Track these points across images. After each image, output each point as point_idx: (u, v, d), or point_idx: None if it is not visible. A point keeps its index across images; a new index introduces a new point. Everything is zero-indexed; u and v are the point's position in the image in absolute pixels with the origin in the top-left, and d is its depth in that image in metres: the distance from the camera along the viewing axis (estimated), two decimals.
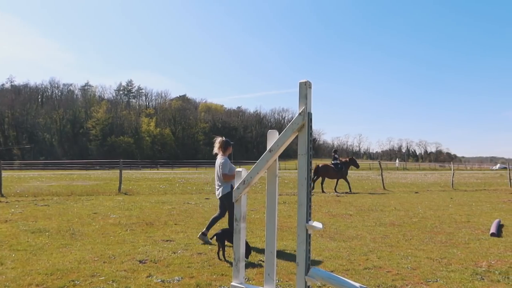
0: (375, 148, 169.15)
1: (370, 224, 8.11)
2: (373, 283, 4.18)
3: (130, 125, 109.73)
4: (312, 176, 15.92)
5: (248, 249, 5.16)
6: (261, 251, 5.46)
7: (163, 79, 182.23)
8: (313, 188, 16.26)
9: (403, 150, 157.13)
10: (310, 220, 2.76)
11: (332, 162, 17.45)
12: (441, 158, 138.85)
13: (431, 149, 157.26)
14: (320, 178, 16.86)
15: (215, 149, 6.44)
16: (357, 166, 18.33)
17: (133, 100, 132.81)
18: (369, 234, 7.01)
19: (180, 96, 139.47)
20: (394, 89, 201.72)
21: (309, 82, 2.82)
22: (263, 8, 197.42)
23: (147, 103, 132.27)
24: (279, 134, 3.02)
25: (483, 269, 4.71)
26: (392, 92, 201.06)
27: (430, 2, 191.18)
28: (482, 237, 6.68)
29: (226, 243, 5.33)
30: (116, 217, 8.80)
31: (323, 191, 16.25)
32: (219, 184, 6.24)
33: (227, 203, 6.18)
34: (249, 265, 4.93)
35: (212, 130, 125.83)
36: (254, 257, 5.27)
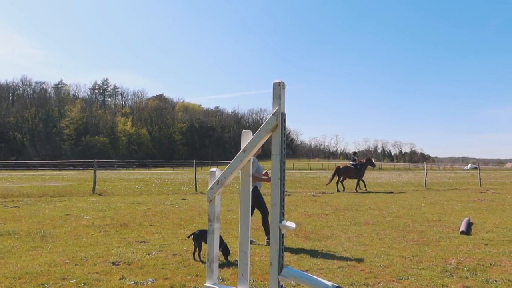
0: (351, 149, 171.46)
1: (345, 223, 8.21)
2: (346, 281, 4.23)
3: (106, 124, 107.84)
4: (332, 177, 17.22)
5: (227, 250, 5.14)
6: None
7: (139, 78, 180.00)
8: (340, 188, 17.48)
9: (379, 151, 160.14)
10: (283, 220, 2.77)
11: (352, 163, 18.55)
12: (415, 158, 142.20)
13: (406, 149, 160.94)
14: (341, 178, 17.85)
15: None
16: (373, 165, 19.40)
17: (109, 99, 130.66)
18: (344, 233, 7.10)
19: (157, 95, 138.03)
20: (370, 91, 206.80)
21: (283, 83, 2.83)
22: (241, 11, 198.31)
23: (123, 102, 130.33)
24: (253, 135, 3.02)
25: (453, 266, 4.85)
26: (368, 94, 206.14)
27: (406, 7, 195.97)
28: (452, 235, 6.86)
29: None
30: (90, 219, 8.62)
31: (342, 190, 17.26)
32: None
33: (255, 202, 6.29)
34: (224, 265, 4.91)
35: (190, 130, 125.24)
36: (229, 257, 5.25)
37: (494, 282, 4.21)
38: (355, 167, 18.01)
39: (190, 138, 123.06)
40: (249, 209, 3.00)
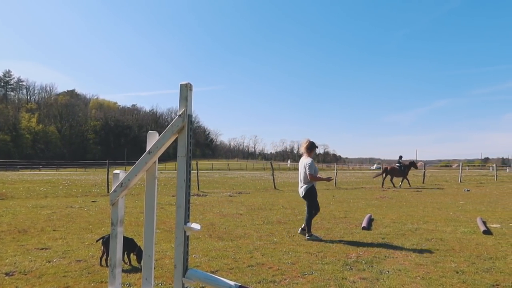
0: (269, 149, 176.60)
1: (258, 222, 8.41)
2: (254, 279, 4.35)
3: (7, 121, 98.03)
4: (383, 176, 21.64)
5: (141, 253, 4.97)
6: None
7: (48, 72, 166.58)
8: (397, 185, 21.31)
9: (295, 151, 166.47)
10: (188, 222, 2.77)
11: (397, 164, 21.85)
12: (328, 159, 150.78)
13: (320, 150, 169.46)
14: (389, 177, 21.61)
15: (301, 150, 7.03)
16: (416, 167, 23.09)
17: (12, 93, 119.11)
18: (256, 232, 7.27)
19: (68, 90, 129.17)
20: (287, 98, 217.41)
21: (190, 84, 2.83)
22: (155, 13, 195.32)
23: (29, 97, 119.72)
24: (159, 136, 2.97)
25: (353, 260, 5.23)
26: (285, 99, 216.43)
27: (318, 24, 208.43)
28: (355, 231, 7.39)
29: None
30: None
31: (394, 186, 20.99)
32: (303, 183, 6.82)
33: (308, 199, 6.81)
34: (132, 270, 4.77)
35: (104, 128, 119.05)
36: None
37: (387, 272, 4.62)
38: (399, 168, 21.44)
39: (105, 137, 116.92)
40: (154, 212, 2.95)
